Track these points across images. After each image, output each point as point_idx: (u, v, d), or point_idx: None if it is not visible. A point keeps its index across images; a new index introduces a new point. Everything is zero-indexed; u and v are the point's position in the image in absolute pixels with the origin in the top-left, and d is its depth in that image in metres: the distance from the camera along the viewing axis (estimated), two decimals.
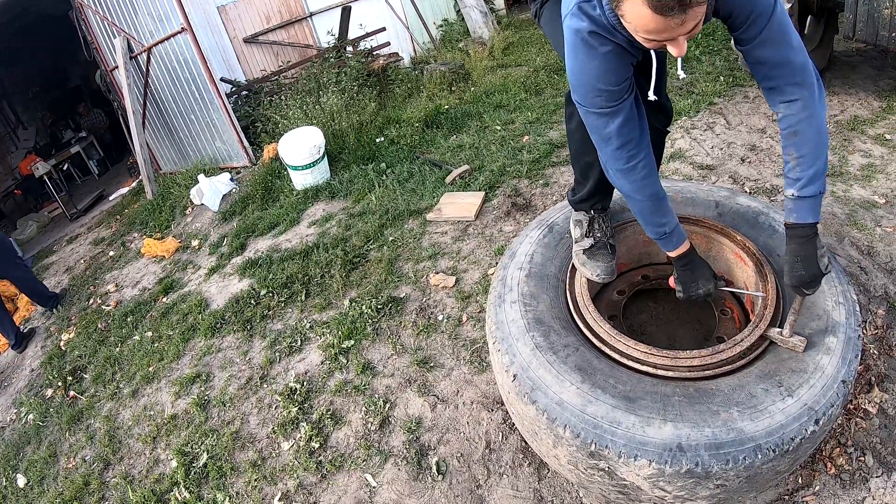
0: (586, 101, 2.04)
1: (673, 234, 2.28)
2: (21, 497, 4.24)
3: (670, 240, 2.29)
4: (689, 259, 2.33)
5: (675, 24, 1.57)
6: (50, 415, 4.96)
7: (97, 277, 7.52)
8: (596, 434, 1.96)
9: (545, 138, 6.18)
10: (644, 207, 2.24)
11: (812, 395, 1.94)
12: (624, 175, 2.16)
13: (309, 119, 8.01)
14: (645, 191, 2.18)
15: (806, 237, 2.01)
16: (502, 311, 2.45)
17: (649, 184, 2.17)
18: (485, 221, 4.94)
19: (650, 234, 2.32)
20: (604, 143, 2.12)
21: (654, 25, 1.59)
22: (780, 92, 1.92)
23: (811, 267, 2.01)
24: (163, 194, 9.00)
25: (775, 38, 1.83)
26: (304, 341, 4.26)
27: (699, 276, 2.33)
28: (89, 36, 9.78)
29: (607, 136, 2.08)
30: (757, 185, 4.26)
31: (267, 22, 10.54)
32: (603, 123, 2.06)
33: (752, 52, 1.89)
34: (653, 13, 1.55)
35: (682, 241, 2.31)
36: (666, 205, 2.25)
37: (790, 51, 1.85)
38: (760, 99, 5.62)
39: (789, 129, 1.94)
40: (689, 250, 2.33)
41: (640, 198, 2.20)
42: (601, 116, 2.04)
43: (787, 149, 1.97)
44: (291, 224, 6.26)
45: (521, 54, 10.37)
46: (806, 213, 1.99)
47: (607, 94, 1.99)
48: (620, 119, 2.04)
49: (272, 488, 3.28)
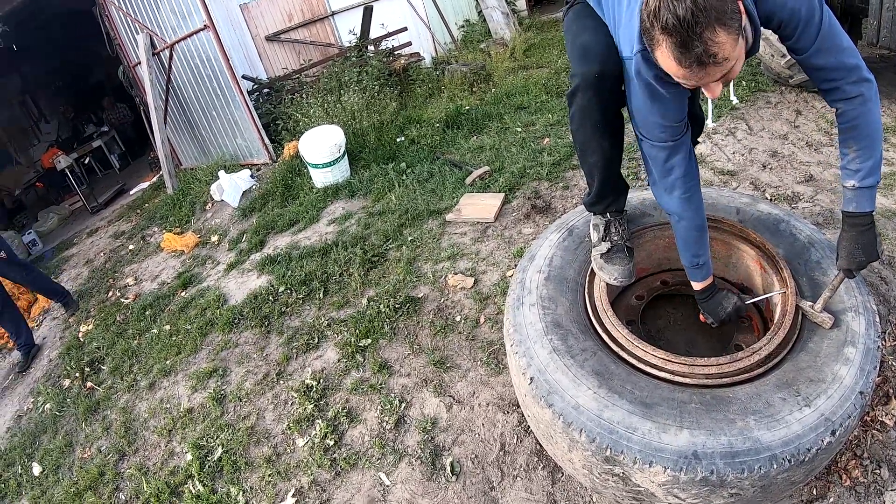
0: (652, 136, 2.17)
1: (704, 266, 2.39)
2: (36, 485, 4.27)
3: (700, 271, 2.40)
4: (710, 291, 2.44)
5: (700, 76, 1.66)
6: (67, 405, 5.01)
7: (116, 270, 7.59)
8: (612, 439, 1.95)
9: (566, 140, 6.16)
10: (689, 236, 2.34)
11: (829, 406, 1.93)
12: (683, 203, 2.26)
13: (330, 117, 8.05)
14: (696, 220, 2.30)
15: (865, 225, 2.11)
16: (521, 314, 2.45)
17: (701, 214, 2.30)
18: (504, 223, 4.94)
19: (685, 261, 2.41)
20: (666, 172, 2.23)
21: (681, 74, 1.69)
22: (839, 91, 1.98)
23: (871, 253, 2.12)
24: (183, 189, 9.07)
25: (829, 46, 1.90)
26: (322, 339, 4.27)
27: (721, 300, 2.44)
28: (112, 32, 9.88)
29: (670, 167, 2.21)
30: (778, 192, 4.23)
31: (289, 20, 10.60)
32: (666, 155, 2.19)
33: (809, 61, 1.96)
34: (676, 65, 1.65)
35: (708, 275, 2.42)
36: (706, 238, 2.38)
37: (844, 54, 1.92)
38: (782, 105, 5.59)
39: (849, 125, 2.02)
40: (712, 283, 2.44)
41: (690, 226, 2.31)
42: (664, 149, 2.18)
43: (845, 142, 2.06)
44: (311, 222, 6.30)
45: (543, 56, 10.34)
46: (865, 202, 2.09)
47: (671, 130, 2.13)
48: (683, 151, 2.19)
49: (286, 484, 3.29)
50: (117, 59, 10.48)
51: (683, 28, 1.54)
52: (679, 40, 1.57)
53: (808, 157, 4.58)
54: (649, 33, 1.66)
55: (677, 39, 1.57)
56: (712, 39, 1.56)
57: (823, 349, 2.12)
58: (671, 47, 1.61)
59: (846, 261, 2.14)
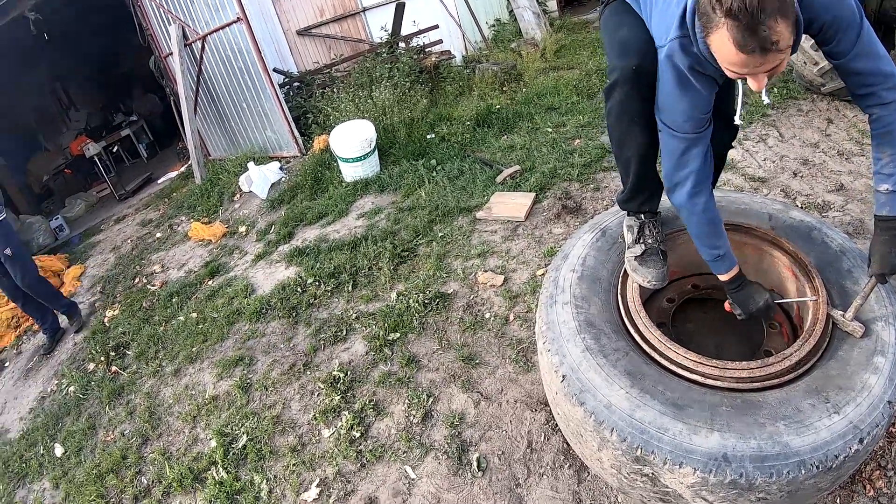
0: (675, 126, 2.18)
1: (726, 257, 2.36)
2: (57, 466, 4.35)
3: (723, 263, 2.37)
4: (739, 281, 2.41)
5: (756, 62, 1.69)
6: (91, 388, 5.09)
7: (143, 258, 7.68)
8: (643, 439, 1.97)
9: (597, 142, 6.15)
10: (702, 231, 2.34)
11: (858, 414, 1.93)
12: (692, 197, 2.27)
13: (360, 112, 8.08)
14: (706, 214, 2.29)
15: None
16: (553, 312, 2.46)
17: (712, 207, 2.30)
18: (534, 222, 4.95)
19: (705, 255, 2.40)
20: (681, 165, 2.24)
21: (737, 60, 1.71)
22: (875, 97, 2.01)
23: None
24: (211, 180, 9.15)
25: (866, 52, 1.94)
26: (350, 331, 4.31)
27: (753, 293, 2.41)
28: (144, 22, 9.96)
29: (686, 160, 2.22)
30: (808, 201, 4.21)
31: (321, 15, 10.65)
32: (685, 147, 2.21)
33: (846, 65, 1.99)
34: (736, 50, 1.67)
35: (733, 265, 2.39)
36: (721, 229, 2.36)
37: (881, 61, 1.96)
38: (814, 113, 5.55)
39: (884, 129, 2.04)
40: (739, 273, 2.40)
41: (701, 220, 2.31)
42: (685, 140, 2.19)
43: (879, 147, 2.07)
44: (340, 215, 6.34)
45: (574, 57, 10.29)
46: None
47: (696, 121, 2.15)
48: (702, 146, 2.21)
49: (310, 474, 3.32)
50: (147, 50, 10.55)
51: (749, 12, 1.58)
52: (745, 24, 1.60)
53: (839, 166, 4.56)
54: (708, 17, 1.70)
55: (743, 23, 1.61)
56: (775, 27, 1.60)
57: (853, 357, 2.11)
58: (734, 31, 1.63)
59: (879, 265, 2.14)
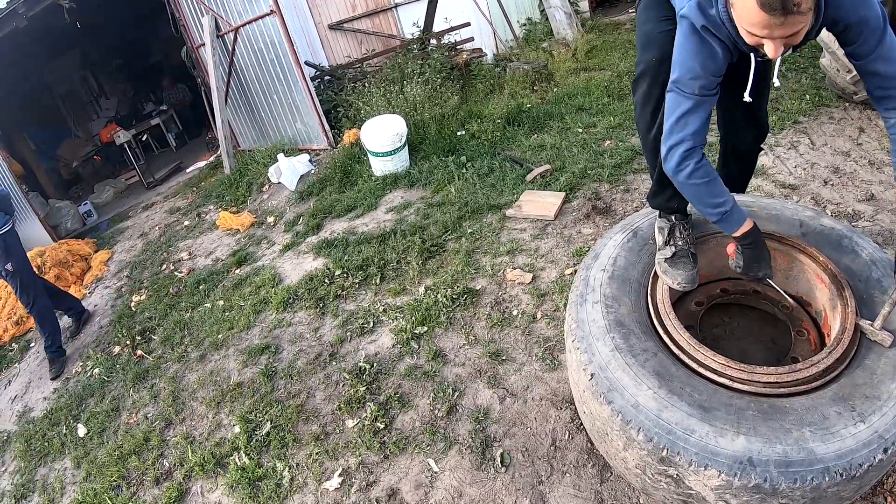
0: (683, 84, 2.19)
1: (733, 212, 2.33)
2: (80, 445, 4.42)
3: (731, 219, 2.34)
4: (754, 237, 2.38)
5: (776, 23, 1.74)
6: (115, 371, 5.17)
7: (171, 245, 7.79)
8: (669, 440, 1.98)
9: (627, 144, 6.16)
10: (698, 191, 2.31)
11: (884, 423, 1.93)
12: (685, 160, 2.26)
13: (391, 107, 8.12)
14: (700, 172, 2.26)
15: None
16: (583, 311, 2.48)
17: (705, 164, 2.28)
18: (564, 222, 4.97)
19: (710, 216, 2.38)
20: (680, 127, 2.24)
21: (758, 19, 1.76)
22: (892, 100, 2.05)
23: None
24: (240, 170, 9.24)
25: (889, 55, 1.97)
26: (377, 324, 4.35)
27: (762, 258, 2.40)
28: (177, 13, 10.04)
29: (686, 121, 2.22)
30: (839, 209, 4.19)
31: (353, 10, 10.70)
32: (688, 108, 2.20)
33: (867, 66, 2.02)
34: (758, 8, 1.72)
35: (743, 220, 2.35)
36: (719, 184, 2.32)
37: None
38: (846, 121, 5.51)
39: None
40: (753, 228, 2.37)
41: (694, 181, 2.28)
42: (689, 100, 2.19)
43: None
44: (369, 209, 6.39)
45: (605, 58, 10.28)
46: None
47: (704, 81, 2.16)
48: (704, 111, 2.21)
49: (333, 463, 3.35)
50: (178, 40, 10.65)
51: None
52: None
53: (870, 175, 4.54)
54: None
55: None
56: None
57: (880, 367, 2.11)
58: None
59: None
